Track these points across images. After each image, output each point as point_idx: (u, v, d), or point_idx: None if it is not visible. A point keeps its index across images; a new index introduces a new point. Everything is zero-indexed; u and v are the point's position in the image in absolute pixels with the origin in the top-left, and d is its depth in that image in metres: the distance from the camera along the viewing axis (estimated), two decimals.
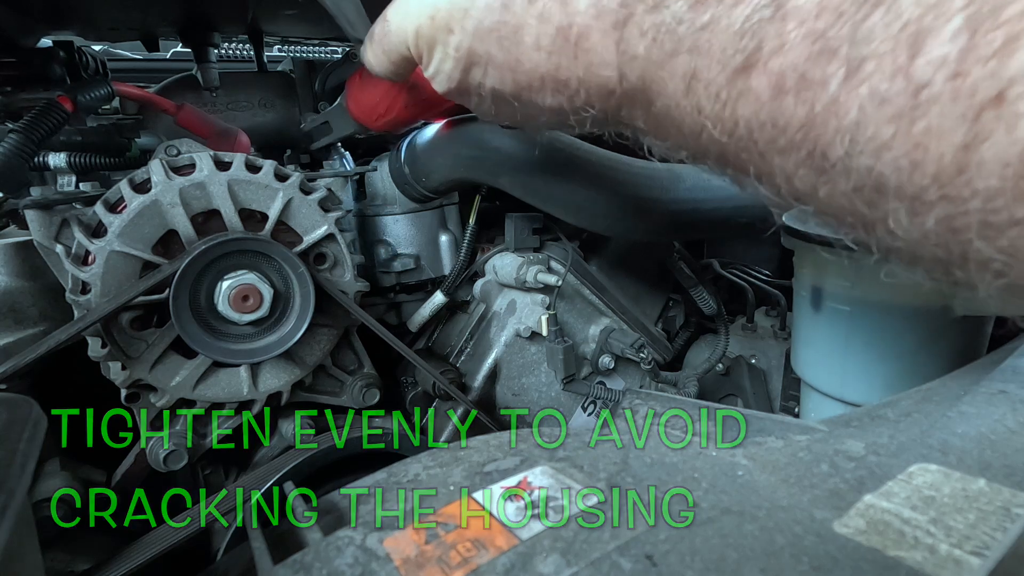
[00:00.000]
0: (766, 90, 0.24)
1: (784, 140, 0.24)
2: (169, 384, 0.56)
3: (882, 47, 0.20)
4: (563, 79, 0.33)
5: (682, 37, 0.27)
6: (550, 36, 0.32)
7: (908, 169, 0.20)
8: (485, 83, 0.36)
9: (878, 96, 0.20)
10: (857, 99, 0.21)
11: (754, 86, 0.24)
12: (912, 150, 0.20)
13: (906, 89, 0.20)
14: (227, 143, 0.69)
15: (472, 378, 0.78)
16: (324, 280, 0.60)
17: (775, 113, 0.24)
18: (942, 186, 0.20)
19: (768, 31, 0.24)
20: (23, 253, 0.59)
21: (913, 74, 0.19)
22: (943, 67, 0.19)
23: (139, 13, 0.70)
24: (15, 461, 0.26)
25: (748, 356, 0.94)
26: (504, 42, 0.34)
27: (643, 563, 0.25)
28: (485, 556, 0.26)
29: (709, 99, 0.26)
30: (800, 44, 0.23)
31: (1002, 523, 0.27)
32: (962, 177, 0.19)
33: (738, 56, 0.25)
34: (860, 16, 0.21)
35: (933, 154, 0.20)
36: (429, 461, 0.37)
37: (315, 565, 0.27)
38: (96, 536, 0.55)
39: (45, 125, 0.56)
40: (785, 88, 0.23)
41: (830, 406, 0.67)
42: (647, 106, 0.30)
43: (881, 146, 0.21)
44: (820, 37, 0.22)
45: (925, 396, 0.43)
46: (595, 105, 0.33)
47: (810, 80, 0.22)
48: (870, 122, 0.21)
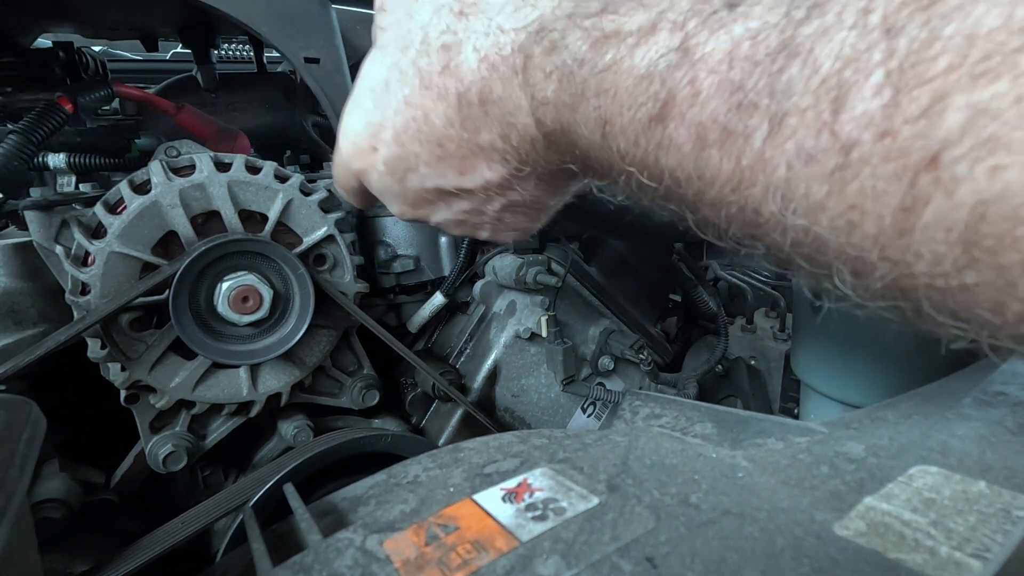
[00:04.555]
0: (687, 142, 0.23)
1: (713, 193, 0.23)
2: (168, 385, 0.56)
3: (803, 101, 0.19)
4: (486, 143, 0.32)
5: (586, 79, 0.25)
6: (454, 107, 0.31)
7: (846, 230, 0.19)
8: (425, 185, 0.36)
9: (805, 154, 0.19)
10: (784, 156, 0.20)
11: (673, 136, 0.23)
12: (848, 211, 0.19)
13: (834, 147, 0.19)
14: (227, 144, 0.69)
15: (472, 379, 0.78)
16: (324, 281, 0.60)
17: (700, 166, 0.23)
18: (883, 248, 0.19)
19: (678, 79, 0.22)
20: (23, 254, 0.59)
21: (839, 132, 0.18)
22: (870, 126, 0.18)
23: (139, 13, 0.70)
24: (14, 462, 0.26)
25: (748, 357, 0.94)
26: (420, 135, 0.33)
27: (643, 565, 0.25)
28: (485, 558, 0.26)
29: (628, 144, 0.25)
30: (716, 95, 0.21)
31: (1002, 525, 0.27)
32: (903, 240, 0.18)
33: (649, 104, 0.23)
34: (776, 68, 0.20)
35: (871, 216, 0.18)
36: (429, 462, 0.37)
37: (315, 567, 0.27)
38: (95, 537, 0.55)
39: (45, 126, 0.56)
40: (707, 141, 0.22)
41: (830, 407, 0.67)
42: (572, 149, 0.29)
43: (815, 205, 0.20)
44: (737, 88, 0.21)
45: (925, 398, 0.43)
46: (527, 160, 0.32)
47: (733, 133, 0.21)
48: (800, 180, 0.20)
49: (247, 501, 0.43)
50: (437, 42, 0.31)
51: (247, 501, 0.43)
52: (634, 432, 0.39)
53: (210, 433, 0.62)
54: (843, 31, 0.18)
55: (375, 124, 0.35)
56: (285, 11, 0.58)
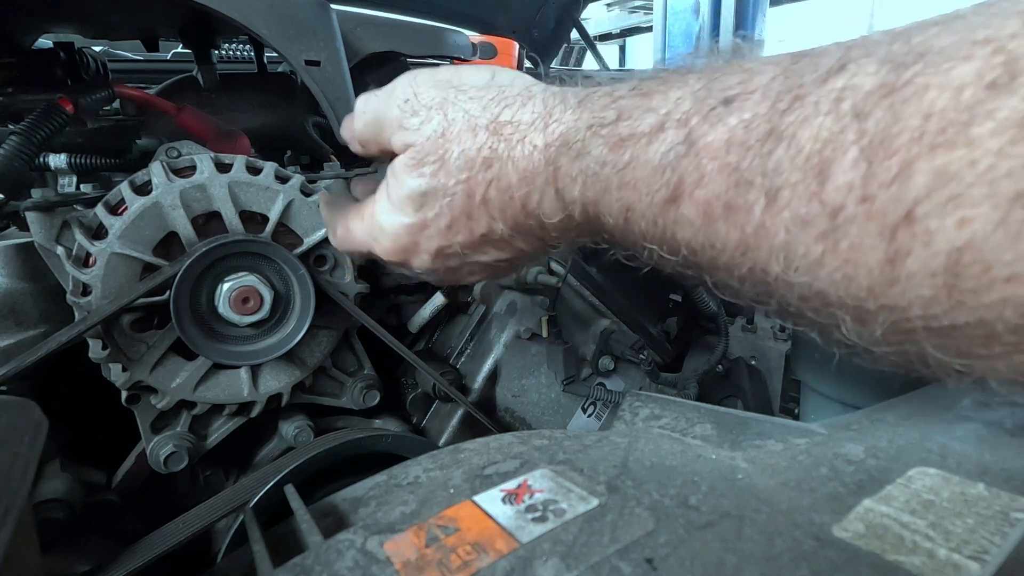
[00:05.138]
0: (697, 218, 0.26)
1: (725, 258, 0.26)
2: (169, 386, 0.56)
3: (792, 176, 0.22)
4: (526, 231, 0.36)
5: (608, 177, 0.29)
6: (499, 210, 0.36)
7: (843, 283, 0.22)
8: (465, 262, 0.40)
9: (799, 219, 0.22)
10: (782, 223, 0.23)
11: (685, 214, 0.26)
12: (843, 265, 0.21)
13: (823, 211, 0.21)
14: (228, 145, 0.69)
15: (472, 379, 0.78)
16: (324, 282, 0.60)
17: (711, 236, 0.26)
18: (878, 297, 0.21)
19: (686, 165, 0.26)
20: (24, 255, 0.59)
21: (826, 199, 0.21)
22: (851, 192, 0.20)
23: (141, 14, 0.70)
24: (16, 464, 0.27)
25: (748, 357, 0.94)
26: (464, 230, 0.37)
27: (643, 567, 0.26)
28: (485, 559, 0.26)
29: (648, 225, 0.29)
30: (718, 176, 0.25)
31: (1000, 527, 0.27)
32: (895, 288, 0.20)
33: (663, 190, 0.27)
34: (766, 150, 0.23)
35: (863, 268, 0.21)
36: (429, 463, 0.37)
37: (315, 568, 0.27)
38: (96, 538, 0.55)
39: (46, 127, 0.56)
40: (714, 215, 0.25)
41: (830, 408, 0.68)
42: (600, 231, 0.33)
43: (814, 263, 0.22)
44: (735, 169, 0.24)
45: (924, 400, 0.43)
46: (563, 240, 0.37)
47: (735, 207, 0.24)
48: (799, 242, 0.22)
49: (248, 502, 0.43)
50: (478, 158, 0.35)
51: (248, 502, 0.43)
52: (634, 433, 0.39)
53: (211, 433, 0.62)
54: (820, 117, 0.22)
55: (417, 225, 0.39)
56: (286, 14, 0.58)
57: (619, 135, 0.29)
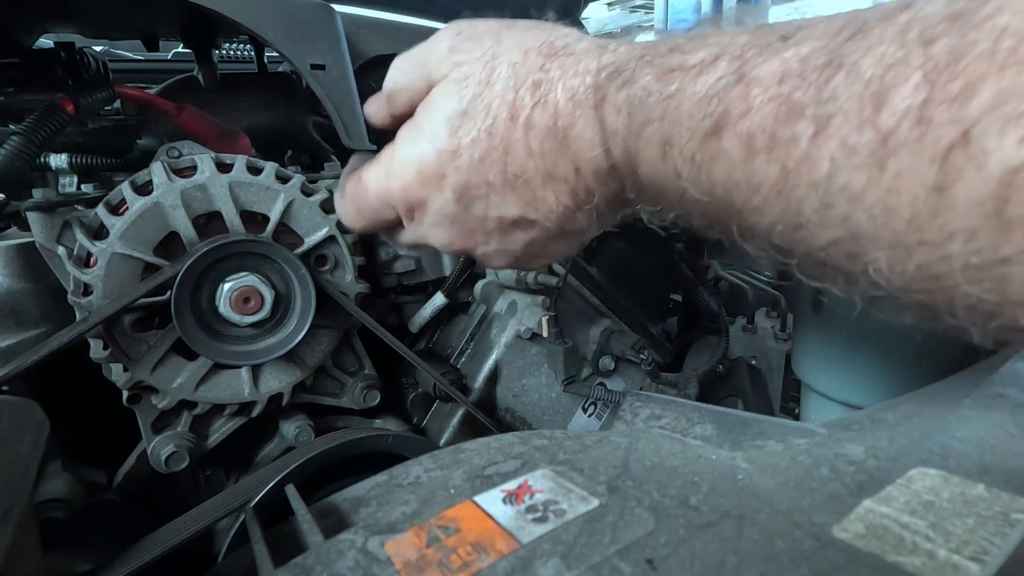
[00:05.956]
0: (737, 151, 0.25)
1: (759, 199, 0.25)
2: (170, 386, 0.56)
3: (847, 104, 0.21)
4: (561, 175, 0.34)
5: (652, 107, 0.29)
6: (539, 139, 0.34)
7: (883, 216, 0.21)
8: (489, 214, 0.37)
9: (847, 147, 0.21)
10: (828, 152, 0.22)
11: (725, 148, 0.26)
12: (885, 195, 0.21)
13: (874, 138, 0.20)
14: (228, 145, 0.69)
15: (473, 379, 0.78)
16: (325, 282, 0.60)
17: (748, 173, 0.25)
18: (918, 230, 0.20)
19: (733, 96, 0.25)
20: (25, 255, 0.59)
21: (880, 124, 0.20)
22: (907, 116, 0.20)
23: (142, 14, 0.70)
24: (18, 464, 0.27)
25: (748, 357, 0.94)
26: (498, 164, 0.35)
27: (643, 567, 0.26)
28: (486, 560, 0.26)
29: (684, 162, 0.28)
30: (766, 107, 0.24)
31: (1001, 528, 0.27)
32: (938, 220, 0.20)
33: (706, 120, 0.26)
34: (822, 79, 0.22)
35: (906, 198, 0.20)
36: (430, 463, 0.37)
37: (316, 568, 0.27)
38: (97, 537, 0.55)
39: (47, 127, 0.56)
40: (756, 148, 0.24)
41: (830, 408, 0.67)
42: (632, 175, 0.32)
43: (855, 195, 0.22)
44: (786, 100, 0.23)
45: (925, 400, 0.43)
46: (594, 192, 0.34)
47: (780, 139, 0.23)
48: (841, 172, 0.22)
49: (249, 501, 0.43)
50: (527, 79, 0.34)
51: (249, 501, 0.43)
52: (634, 433, 0.39)
53: (212, 433, 0.62)
54: (883, 45, 0.21)
55: (448, 152, 0.36)
56: (291, 18, 0.58)
57: (669, 66, 0.28)
